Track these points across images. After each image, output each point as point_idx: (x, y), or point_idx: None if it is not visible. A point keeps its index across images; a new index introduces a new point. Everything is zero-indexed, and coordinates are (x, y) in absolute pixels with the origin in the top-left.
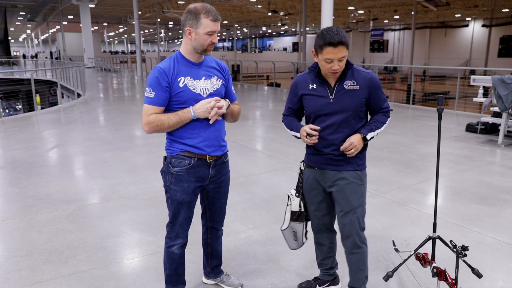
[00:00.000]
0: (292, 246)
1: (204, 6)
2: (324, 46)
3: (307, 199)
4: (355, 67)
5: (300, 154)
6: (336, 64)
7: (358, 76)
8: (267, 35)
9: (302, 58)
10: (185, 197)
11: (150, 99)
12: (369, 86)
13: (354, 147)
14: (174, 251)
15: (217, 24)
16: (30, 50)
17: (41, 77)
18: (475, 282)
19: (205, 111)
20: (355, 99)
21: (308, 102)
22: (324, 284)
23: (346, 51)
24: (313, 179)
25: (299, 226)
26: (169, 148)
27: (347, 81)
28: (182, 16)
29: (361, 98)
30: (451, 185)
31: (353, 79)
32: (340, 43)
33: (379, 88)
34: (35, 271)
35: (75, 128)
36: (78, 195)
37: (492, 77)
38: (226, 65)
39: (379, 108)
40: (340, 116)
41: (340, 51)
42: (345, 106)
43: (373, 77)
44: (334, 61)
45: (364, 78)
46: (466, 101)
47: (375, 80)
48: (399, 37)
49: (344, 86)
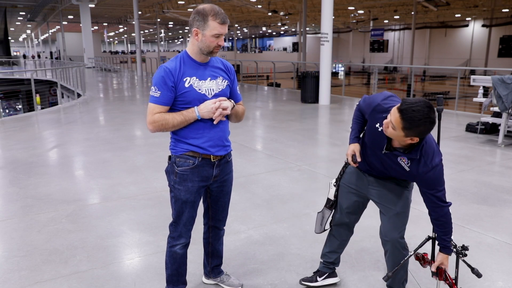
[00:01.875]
0: (316, 230)
1: (212, 8)
2: None
3: (342, 192)
4: (426, 149)
5: (300, 154)
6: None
7: (417, 163)
8: (267, 35)
9: (302, 58)
10: (189, 196)
11: (155, 98)
12: (416, 178)
13: (446, 266)
14: (176, 250)
15: (224, 27)
16: (30, 50)
17: (41, 77)
18: (475, 282)
19: (210, 112)
20: (400, 173)
21: (367, 134)
22: (323, 275)
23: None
24: (357, 175)
25: (327, 213)
26: (174, 147)
27: (403, 156)
28: (190, 16)
29: (405, 181)
30: (451, 185)
31: (410, 158)
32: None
33: (428, 183)
34: (35, 271)
35: (75, 128)
36: (78, 195)
37: (492, 77)
38: (231, 65)
39: (428, 204)
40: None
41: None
42: (391, 172)
43: (428, 174)
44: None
45: (417, 169)
46: (466, 101)
47: (426, 176)
48: (399, 37)
49: (398, 158)
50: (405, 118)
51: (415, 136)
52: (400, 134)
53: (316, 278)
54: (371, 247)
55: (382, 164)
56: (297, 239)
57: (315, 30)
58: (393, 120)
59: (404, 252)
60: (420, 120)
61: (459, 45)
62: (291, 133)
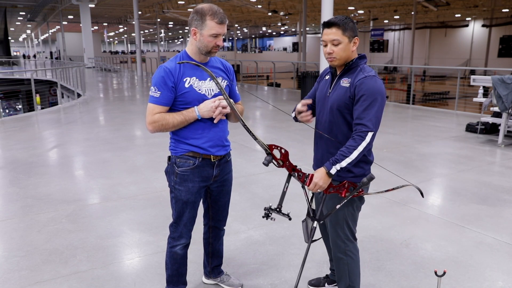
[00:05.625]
0: (305, 239)
1: (211, 7)
2: (322, 27)
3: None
4: (363, 67)
5: (300, 154)
6: (329, 47)
7: (356, 75)
8: (267, 35)
9: (302, 58)
10: (190, 197)
11: (155, 98)
12: (355, 89)
13: (320, 187)
14: (177, 251)
15: (222, 27)
16: (30, 50)
17: (41, 77)
18: (475, 282)
19: (210, 111)
20: (343, 100)
21: (317, 96)
22: (332, 284)
23: (340, 35)
24: None
25: (310, 222)
26: (174, 148)
27: (345, 78)
28: (189, 16)
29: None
30: (451, 185)
31: (350, 76)
32: (333, 25)
33: (362, 96)
34: (35, 271)
35: (75, 128)
36: (78, 195)
37: (492, 77)
38: (231, 65)
39: (355, 122)
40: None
41: (331, 33)
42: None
43: (366, 81)
44: (327, 43)
45: (355, 79)
46: (466, 101)
47: (366, 85)
48: (399, 37)
49: (341, 82)
50: (335, 23)
51: (354, 34)
52: (345, 42)
53: (324, 283)
54: (371, 247)
55: (330, 110)
56: (297, 239)
57: (315, 30)
58: (332, 36)
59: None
60: (345, 18)
61: (459, 45)
62: (291, 133)
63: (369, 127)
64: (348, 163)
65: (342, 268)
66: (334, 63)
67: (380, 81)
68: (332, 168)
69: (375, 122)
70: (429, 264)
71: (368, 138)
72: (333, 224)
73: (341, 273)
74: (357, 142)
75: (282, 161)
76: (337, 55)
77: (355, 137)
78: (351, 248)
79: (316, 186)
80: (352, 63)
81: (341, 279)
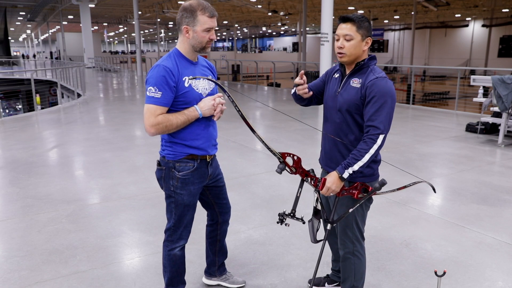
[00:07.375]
0: (311, 240)
1: (199, 3)
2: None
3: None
4: (373, 68)
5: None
6: (341, 41)
7: (367, 76)
8: (267, 35)
9: (302, 58)
10: (191, 199)
11: (156, 99)
12: (366, 90)
13: (333, 191)
14: (176, 253)
15: (214, 20)
16: (30, 50)
17: (41, 77)
18: (475, 282)
19: (211, 108)
20: (353, 101)
21: (325, 96)
22: (332, 283)
23: (354, 31)
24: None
25: (316, 223)
26: (172, 152)
27: (355, 78)
28: (177, 15)
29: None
30: (451, 185)
31: (360, 77)
32: (349, 20)
33: (373, 97)
34: (35, 271)
35: (75, 128)
36: (78, 195)
37: (492, 77)
38: (212, 64)
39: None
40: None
41: (345, 28)
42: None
43: (378, 83)
44: (340, 37)
45: (366, 79)
46: (466, 101)
47: (377, 86)
48: (399, 37)
49: (351, 82)
50: (351, 19)
51: (367, 34)
52: (358, 39)
53: (324, 283)
54: (371, 247)
55: (339, 110)
56: (297, 239)
57: (315, 30)
58: (346, 31)
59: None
60: (362, 17)
61: (459, 45)
62: (291, 133)
63: (380, 129)
64: (360, 166)
65: (349, 268)
66: (343, 59)
67: (390, 82)
68: (345, 172)
69: (386, 124)
70: (429, 264)
71: (379, 141)
72: (342, 224)
73: (348, 273)
74: (369, 145)
75: (295, 168)
76: (347, 50)
77: (366, 140)
78: (359, 249)
79: (329, 190)
80: (364, 63)
81: (347, 279)
